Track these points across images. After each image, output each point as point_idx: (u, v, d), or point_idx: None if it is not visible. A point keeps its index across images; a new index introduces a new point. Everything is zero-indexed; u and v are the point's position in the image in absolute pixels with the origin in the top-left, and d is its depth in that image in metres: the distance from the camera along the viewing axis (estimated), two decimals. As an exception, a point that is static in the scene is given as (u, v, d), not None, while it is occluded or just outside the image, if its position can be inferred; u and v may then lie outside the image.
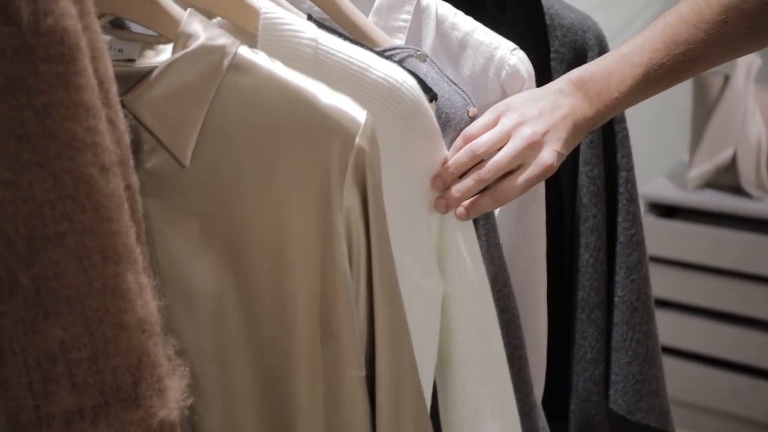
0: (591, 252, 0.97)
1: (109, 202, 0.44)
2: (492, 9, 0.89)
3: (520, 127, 0.74)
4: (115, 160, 0.45)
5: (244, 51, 0.59)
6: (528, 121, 0.74)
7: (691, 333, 2.04)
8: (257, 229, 0.60)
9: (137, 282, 0.46)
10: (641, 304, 0.99)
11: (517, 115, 0.75)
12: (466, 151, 0.72)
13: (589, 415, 1.01)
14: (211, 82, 0.58)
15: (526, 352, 0.80)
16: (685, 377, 2.04)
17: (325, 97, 0.59)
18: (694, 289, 2.03)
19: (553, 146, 0.73)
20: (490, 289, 0.75)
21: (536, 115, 0.75)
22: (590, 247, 0.96)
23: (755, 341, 1.97)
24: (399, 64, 0.69)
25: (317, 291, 0.61)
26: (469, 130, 0.74)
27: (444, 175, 0.72)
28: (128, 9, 0.60)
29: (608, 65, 0.77)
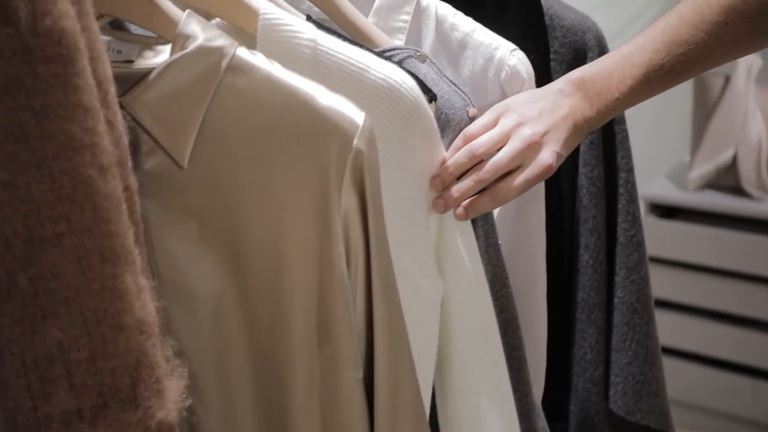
0: (591, 253, 0.97)
1: (107, 203, 0.44)
2: (492, 10, 0.89)
3: (519, 127, 0.74)
4: (114, 161, 0.45)
5: (242, 52, 0.59)
6: (527, 122, 0.74)
7: (692, 333, 2.04)
8: (255, 231, 0.60)
9: (136, 283, 0.46)
10: (641, 305, 0.99)
11: (517, 115, 0.75)
12: (466, 151, 0.72)
13: (588, 416, 1.01)
14: (209, 84, 0.57)
15: (524, 353, 0.80)
16: (686, 378, 2.04)
17: (324, 98, 0.59)
18: (695, 289, 2.03)
19: (552, 147, 0.73)
20: (488, 289, 0.75)
21: (536, 115, 0.74)
22: (590, 247, 0.96)
23: (755, 342, 1.97)
24: (398, 64, 0.69)
25: (315, 292, 0.60)
26: (469, 130, 0.74)
27: (443, 176, 0.72)
28: (127, 10, 0.60)
29: (608, 66, 0.77)
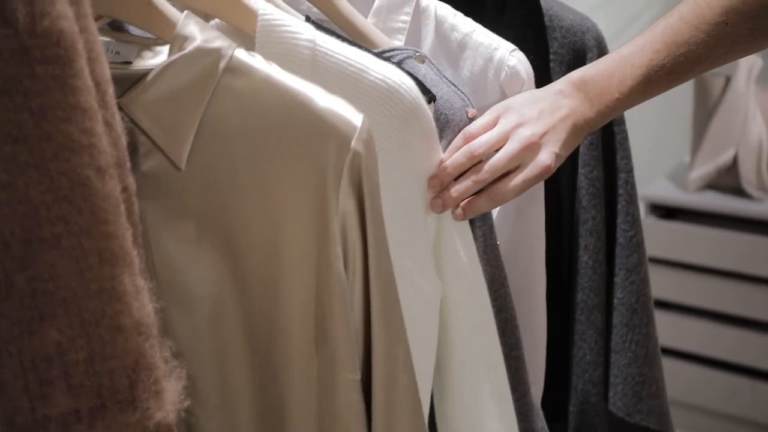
0: (590, 254, 0.96)
1: (105, 204, 0.44)
2: (491, 10, 0.89)
3: (518, 128, 0.74)
4: (112, 162, 0.45)
5: (240, 54, 0.59)
6: (527, 123, 0.74)
7: (692, 334, 2.04)
8: (253, 232, 0.59)
9: (134, 284, 0.46)
10: (641, 306, 0.98)
11: (517, 116, 0.75)
12: (464, 152, 0.72)
13: (588, 417, 1.00)
14: (207, 85, 0.57)
15: (522, 353, 0.80)
16: (686, 378, 2.04)
17: (322, 100, 0.59)
18: (695, 290, 2.03)
19: (551, 148, 0.73)
20: (486, 290, 0.75)
21: (535, 116, 0.74)
22: (589, 248, 0.96)
23: (755, 342, 1.97)
24: (397, 65, 0.69)
25: (312, 294, 0.60)
26: (469, 129, 0.74)
27: (441, 176, 0.72)
28: (125, 11, 0.60)
29: (609, 66, 0.77)
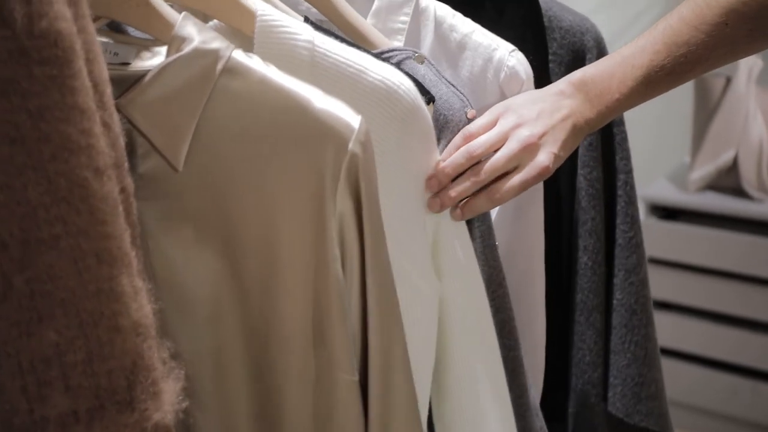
0: (589, 254, 0.96)
1: (103, 205, 0.44)
2: (490, 11, 0.89)
3: (517, 129, 0.74)
4: (110, 163, 0.45)
5: (238, 55, 0.59)
6: (526, 123, 0.74)
7: (692, 335, 2.04)
8: (250, 234, 0.59)
9: (132, 285, 0.46)
10: (640, 307, 0.98)
11: (516, 116, 0.75)
12: (463, 152, 0.72)
13: (587, 418, 1.00)
14: (205, 86, 0.57)
15: (520, 354, 0.80)
16: (686, 379, 2.04)
17: (319, 101, 0.59)
18: (695, 290, 2.02)
19: (550, 148, 0.73)
20: (485, 290, 0.75)
21: (535, 117, 0.74)
22: (589, 249, 0.96)
23: (755, 343, 1.97)
24: (396, 66, 0.69)
25: (310, 295, 0.60)
26: (469, 128, 0.74)
27: (440, 176, 0.72)
28: (123, 12, 0.60)
29: (609, 67, 0.77)
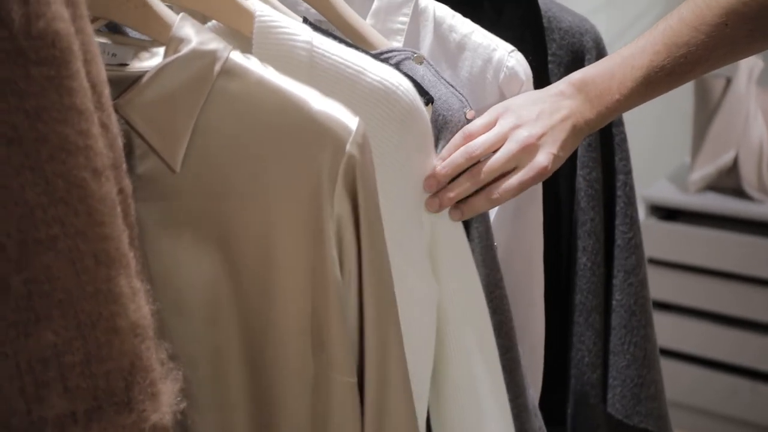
0: (589, 255, 0.96)
1: (101, 205, 0.44)
2: (489, 11, 0.89)
3: (516, 129, 0.74)
4: (108, 164, 0.45)
5: (235, 56, 0.59)
6: (525, 124, 0.74)
7: (692, 335, 2.04)
8: (248, 235, 0.59)
9: (130, 286, 0.46)
10: (639, 308, 0.98)
11: (515, 117, 0.75)
12: (462, 152, 0.72)
13: (586, 419, 1.00)
14: (202, 87, 0.57)
15: (517, 354, 0.80)
16: (686, 379, 2.04)
17: (317, 103, 0.58)
18: (695, 291, 2.02)
19: (549, 149, 0.73)
20: (482, 291, 0.75)
21: (534, 117, 0.74)
22: (588, 250, 0.96)
23: (755, 344, 1.97)
24: (395, 67, 0.69)
25: (308, 297, 0.60)
26: (469, 128, 0.74)
27: (439, 176, 0.72)
28: (121, 13, 0.60)
29: (609, 67, 0.77)
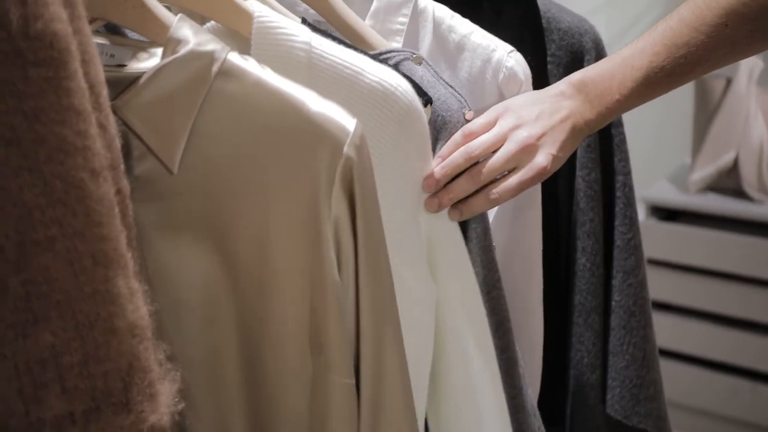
0: (588, 256, 0.96)
1: (99, 206, 0.44)
2: (488, 12, 0.89)
3: (516, 130, 0.74)
4: (106, 165, 0.45)
5: (233, 57, 0.58)
6: (525, 124, 0.74)
7: (692, 336, 2.04)
8: (246, 236, 0.59)
9: (128, 287, 0.46)
10: (638, 308, 0.98)
11: (515, 117, 0.75)
12: (462, 152, 0.72)
13: (585, 420, 1.00)
14: (200, 89, 0.57)
15: (514, 355, 0.80)
16: (686, 380, 2.04)
17: (315, 104, 0.58)
18: (695, 292, 2.02)
19: (548, 150, 0.73)
20: (479, 292, 0.75)
21: (534, 118, 0.74)
22: (587, 251, 0.96)
23: (755, 344, 1.97)
24: (394, 67, 0.69)
25: (306, 298, 0.60)
26: (469, 126, 0.74)
27: (438, 176, 0.72)
28: (119, 14, 0.59)
29: (609, 68, 0.77)
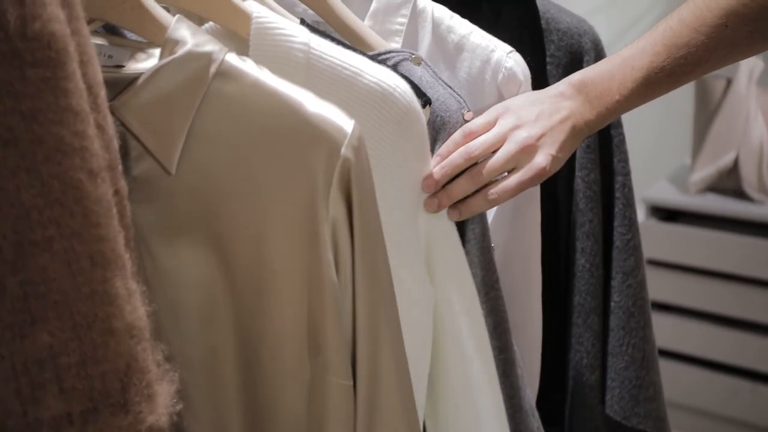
0: (587, 257, 0.96)
1: (97, 207, 0.44)
2: (488, 12, 0.89)
3: (515, 130, 0.74)
4: (104, 165, 0.45)
5: (231, 58, 0.58)
6: (524, 125, 0.74)
7: (692, 336, 2.04)
8: (243, 237, 0.59)
9: (126, 287, 0.46)
10: (638, 309, 0.98)
11: (515, 118, 0.75)
12: (461, 152, 0.72)
13: (584, 421, 1.00)
14: (198, 90, 0.57)
15: (512, 355, 0.80)
16: (685, 380, 2.04)
17: (313, 105, 0.58)
18: (695, 292, 2.02)
19: (548, 150, 0.73)
20: (476, 292, 0.75)
21: (533, 118, 0.74)
22: (586, 251, 0.96)
23: (755, 345, 1.97)
24: (393, 68, 0.69)
25: (305, 299, 0.60)
26: (469, 126, 0.74)
27: (437, 176, 0.72)
28: (118, 14, 0.59)
29: (609, 68, 0.77)
